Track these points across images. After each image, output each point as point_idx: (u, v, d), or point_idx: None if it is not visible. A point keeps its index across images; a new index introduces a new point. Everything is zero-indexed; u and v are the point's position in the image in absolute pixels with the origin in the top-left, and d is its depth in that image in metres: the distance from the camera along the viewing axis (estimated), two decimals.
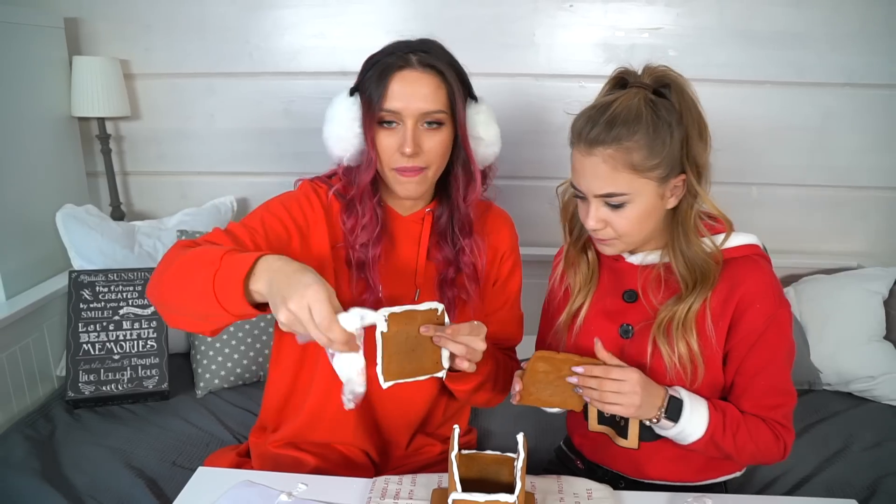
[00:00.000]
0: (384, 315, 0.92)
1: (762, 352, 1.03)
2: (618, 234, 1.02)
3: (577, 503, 1.03)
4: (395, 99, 1.02)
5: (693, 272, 1.03)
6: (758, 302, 1.02)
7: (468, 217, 1.14)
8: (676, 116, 0.98)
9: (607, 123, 0.96)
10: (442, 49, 1.08)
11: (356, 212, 1.10)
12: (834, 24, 1.86)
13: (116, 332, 1.61)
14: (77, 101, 1.89)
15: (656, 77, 1.00)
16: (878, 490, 1.33)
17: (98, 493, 1.30)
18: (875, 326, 1.75)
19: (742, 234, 1.07)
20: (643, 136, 0.96)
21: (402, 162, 1.05)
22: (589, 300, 1.13)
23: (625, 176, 0.97)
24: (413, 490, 1.05)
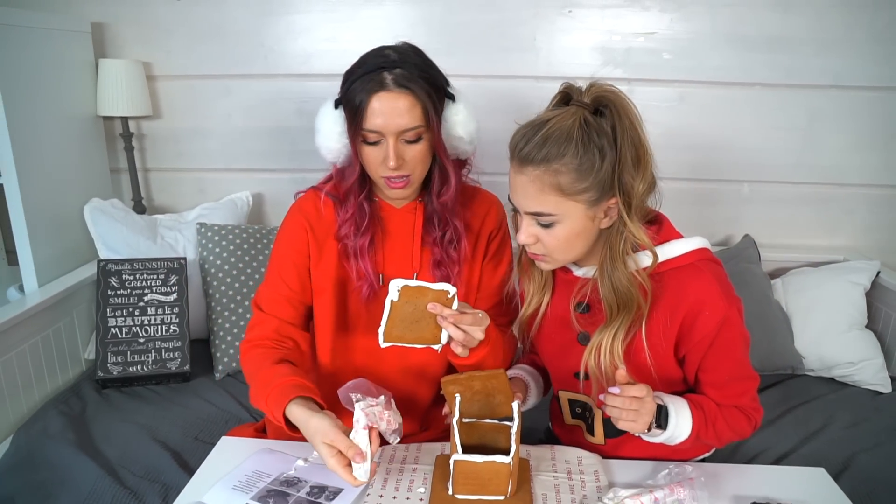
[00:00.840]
0: (398, 286, 1.02)
1: (720, 351, 1.05)
2: (547, 251, 1.04)
3: (567, 469, 1.12)
4: (376, 118, 1.10)
5: (618, 295, 1.02)
6: (706, 309, 1.02)
7: (444, 212, 1.23)
8: (609, 139, 0.96)
9: (539, 143, 0.96)
10: (416, 60, 1.14)
11: (346, 206, 1.22)
12: (820, 30, 1.95)
13: (141, 318, 1.72)
14: (102, 101, 2.00)
15: (596, 97, 0.98)
16: (852, 464, 1.42)
17: (128, 463, 1.42)
18: (856, 316, 1.83)
19: (687, 239, 1.06)
20: (572, 159, 0.95)
21: (388, 172, 1.14)
22: (544, 306, 1.16)
23: (552, 198, 0.98)
24: (419, 456, 1.15)
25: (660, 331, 1.05)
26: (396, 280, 1.03)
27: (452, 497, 1.02)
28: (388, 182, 1.16)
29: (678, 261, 1.05)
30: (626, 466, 1.14)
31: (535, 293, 1.17)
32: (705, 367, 1.08)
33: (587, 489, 1.07)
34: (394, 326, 1.05)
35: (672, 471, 1.08)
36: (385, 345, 1.07)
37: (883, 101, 1.99)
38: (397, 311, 1.04)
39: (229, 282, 1.83)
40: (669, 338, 1.05)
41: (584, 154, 0.96)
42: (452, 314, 1.04)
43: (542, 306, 1.17)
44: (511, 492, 1.02)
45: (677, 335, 1.05)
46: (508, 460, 0.99)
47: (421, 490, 1.06)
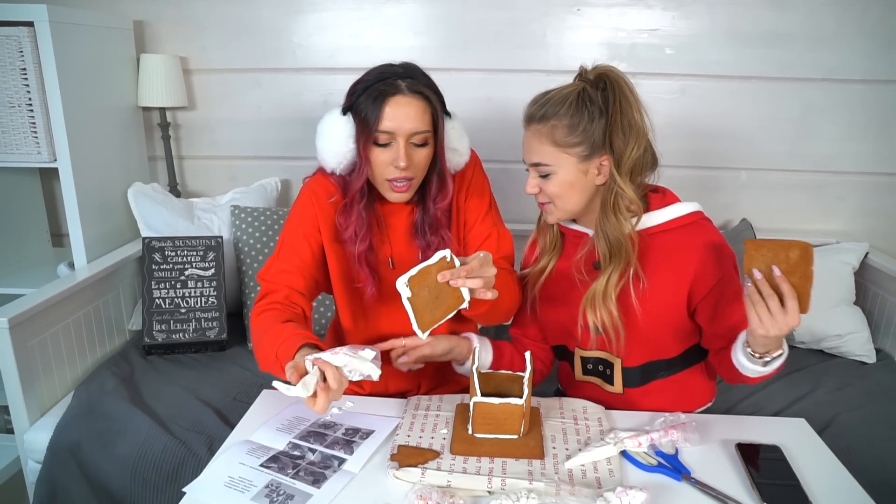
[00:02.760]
0: (405, 282, 1.07)
1: (727, 292, 1.18)
2: (550, 199, 1.21)
3: (574, 416, 1.25)
4: (389, 121, 1.18)
5: (611, 246, 1.18)
6: (710, 263, 1.18)
7: (436, 218, 1.32)
8: (601, 106, 1.14)
9: (541, 104, 1.17)
10: (423, 74, 1.25)
11: (347, 214, 1.29)
12: (813, 26, 2.07)
13: (182, 290, 1.88)
14: (143, 93, 2.15)
15: (598, 73, 1.17)
16: (834, 422, 1.56)
17: (175, 417, 1.57)
18: (845, 293, 1.97)
19: (683, 203, 1.23)
20: (564, 117, 1.14)
21: (394, 174, 1.22)
22: (552, 264, 1.32)
23: (548, 149, 1.16)
24: (441, 405, 1.28)
25: (672, 283, 1.20)
26: (400, 280, 1.08)
27: (472, 436, 1.14)
28: (391, 185, 1.24)
29: (682, 220, 1.22)
30: (627, 416, 1.26)
31: (544, 252, 1.33)
32: (721, 312, 1.18)
33: (591, 432, 1.19)
34: (422, 315, 1.11)
35: (667, 418, 1.21)
36: (425, 335, 1.13)
37: (873, 93, 2.11)
38: (417, 302, 1.09)
39: (261, 259, 1.98)
40: (682, 288, 1.20)
41: (576, 114, 1.14)
42: (461, 271, 1.11)
43: (549, 266, 1.32)
44: (524, 432, 1.15)
45: (690, 285, 1.19)
46: (521, 402, 1.12)
47: (444, 431, 1.19)
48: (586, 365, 1.35)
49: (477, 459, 1.10)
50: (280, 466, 1.08)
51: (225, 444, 1.15)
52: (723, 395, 1.64)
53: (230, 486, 1.04)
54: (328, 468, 1.08)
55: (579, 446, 1.14)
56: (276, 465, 1.09)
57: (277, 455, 1.12)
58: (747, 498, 1.02)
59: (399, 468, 1.06)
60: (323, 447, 1.14)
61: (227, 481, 1.05)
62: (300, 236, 1.31)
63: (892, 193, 2.20)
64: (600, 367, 1.33)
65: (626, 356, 1.28)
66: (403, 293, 1.08)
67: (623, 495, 0.96)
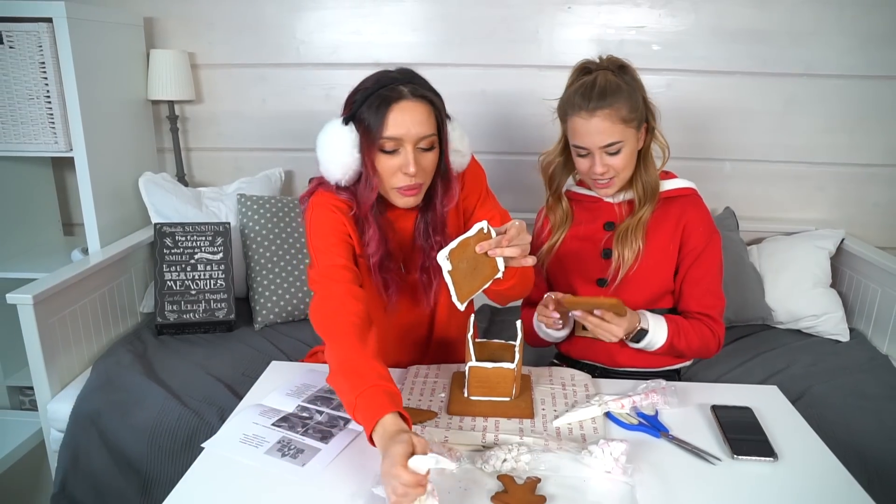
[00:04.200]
0: (446, 255, 1.08)
1: (702, 265, 1.41)
2: (617, 173, 1.37)
3: (562, 383, 1.35)
4: (395, 127, 1.16)
5: (646, 191, 1.40)
6: (700, 227, 1.41)
7: (443, 218, 1.31)
8: (637, 85, 1.37)
9: (600, 94, 1.31)
10: (422, 78, 1.23)
11: (363, 226, 1.27)
12: (793, 23, 2.17)
13: (192, 273, 1.97)
14: (152, 87, 2.25)
15: (613, 61, 1.38)
16: (807, 393, 1.66)
17: (188, 390, 1.66)
18: (821, 276, 2.07)
19: (681, 179, 1.46)
20: (626, 98, 1.32)
21: (403, 181, 1.20)
22: (564, 236, 1.50)
23: (619, 127, 1.32)
24: (438, 373, 1.38)
25: (667, 240, 1.41)
26: (441, 253, 1.08)
27: (467, 399, 1.24)
28: (400, 191, 1.22)
29: (682, 191, 1.44)
30: (611, 383, 1.36)
31: (557, 227, 1.50)
32: (689, 279, 1.42)
33: (578, 396, 1.29)
34: (461, 287, 1.11)
35: (648, 384, 1.31)
36: (463, 305, 1.12)
37: (849, 87, 2.21)
38: (456, 275, 1.10)
39: (266, 245, 2.08)
40: (675, 246, 1.41)
41: (630, 94, 1.34)
42: (501, 240, 1.11)
43: (562, 238, 1.49)
44: (515, 394, 1.24)
45: (680, 243, 1.41)
46: (513, 367, 1.22)
47: (441, 395, 1.28)
48: None
49: (472, 419, 1.19)
50: (290, 425, 1.18)
51: (238, 408, 1.24)
52: (702, 372, 1.75)
53: (245, 442, 1.13)
54: (335, 427, 1.18)
55: (566, 408, 1.24)
56: (287, 424, 1.18)
57: (287, 416, 1.21)
58: (720, 451, 1.11)
59: None
60: (329, 409, 1.23)
61: (241, 438, 1.14)
62: (335, 240, 1.26)
63: (866, 184, 2.30)
64: None
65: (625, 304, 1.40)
66: (444, 266, 1.08)
67: (605, 446, 1.06)
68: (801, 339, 2.00)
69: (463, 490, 1.01)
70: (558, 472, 1.05)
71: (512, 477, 1.02)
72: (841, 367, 1.81)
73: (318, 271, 1.25)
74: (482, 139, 2.26)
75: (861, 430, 1.53)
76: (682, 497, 1.00)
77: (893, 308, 1.94)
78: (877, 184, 2.30)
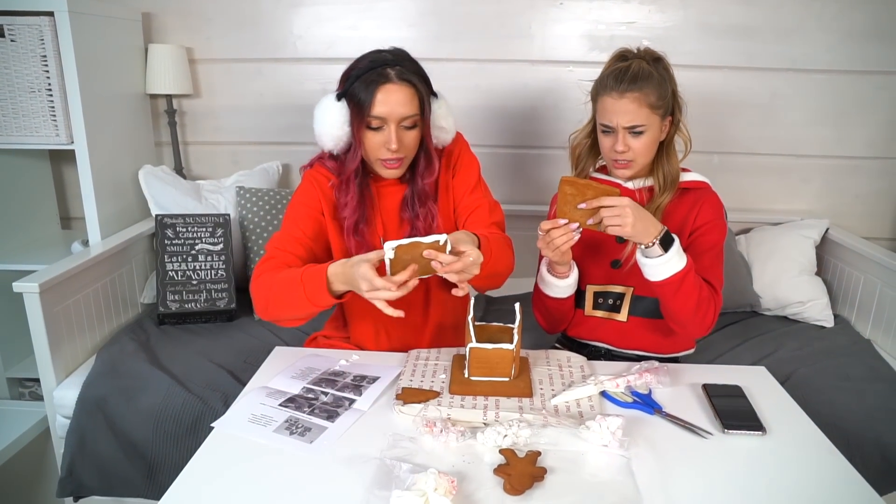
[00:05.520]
0: (392, 247, 1.17)
1: (708, 239, 1.46)
2: (635, 156, 1.43)
3: (559, 365, 1.39)
4: (381, 106, 1.30)
5: (667, 179, 1.46)
6: (711, 211, 1.48)
7: (424, 191, 1.44)
8: (669, 77, 1.44)
9: (632, 79, 1.38)
10: (412, 60, 1.36)
11: (344, 191, 1.41)
12: (778, 20, 2.23)
13: (193, 263, 2.00)
14: (150, 81, 2.27)
15: (649, 53, 1.45)
16: (793, 376, 1.72)
17: (192, 377, 1.69)
18: (806, 264, 2.14)
19: (697, 174, 1.53)
20: (656, 86, 1.39)
21: (386, 154, 1.35)
22: None
23: (645, 111, 1.38)
24: (439, 356, 1.41)
25: (680, 225, 1.47)
26: (389, 243, 1.17)
27: (468, 379, 1.28)
28: (384, 163, 1.37)
29: (698, 183, 1.51)
30: (606, 364, 1.40)
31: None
32: (692, 248, 1.45)
33: (574, 377, 1.33)
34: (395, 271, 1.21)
35: (642, 365, 1.36)
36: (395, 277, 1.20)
37: (832, 82, 2.28)
38: (396, 264, 1.19)
39: (266, 236, 2.11)
40: (687, 230, 1.47)
41: (661, 83, 1.41)
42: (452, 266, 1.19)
43: None
44: (514, 374, 1.29)
45: (692, 229, 1.47)
46: (512, 347, 1.26)
47: (442, 376, 1.32)
48: (597, 299, 1.55)
49: (473, 398, 1.23)
50: (297, 406, 1.21)
51: (244, 391, 1.28)
52: (692, 357, 1.79)
53: (253, 422, 1.16)
54: (340, 407, 1.21)
55: (563, 388, 1.28)
56: (293, 404, 1.22)
57: (293, 397, 1.24)
58: (711, 426, 1.16)
59: (404, 405, 1.20)
60: (334, 391, 1.27)
61: (250, 417, 1.18)
62: (303, 214, 1.43)
63: (850, 175, 2.37)
64: (610, 301, 1.54)
65: (639, 283, 1.47)
66: (387, 254, 1.17)
67: (602, 421, 1.10)
68: (787, 325, 2.07)
69: (467, 464, 1.05)
70: (557, 446, 1.09)
71: (513, 450, 1.06)
72: (825, 351, 1.87)
73: (276, 238, 1.42)
74: (476, 133, 2.29)
75: (844, 409, 1.59)
76: (675, 469, 1.04)
77: (875, 295, 2.01)
78: (859, 176, 2.37)
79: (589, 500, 0.96)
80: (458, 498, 0.94)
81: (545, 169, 2.40)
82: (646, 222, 1.31)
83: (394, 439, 1.10)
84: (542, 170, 2.41)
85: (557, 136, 2.30)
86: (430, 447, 1.08)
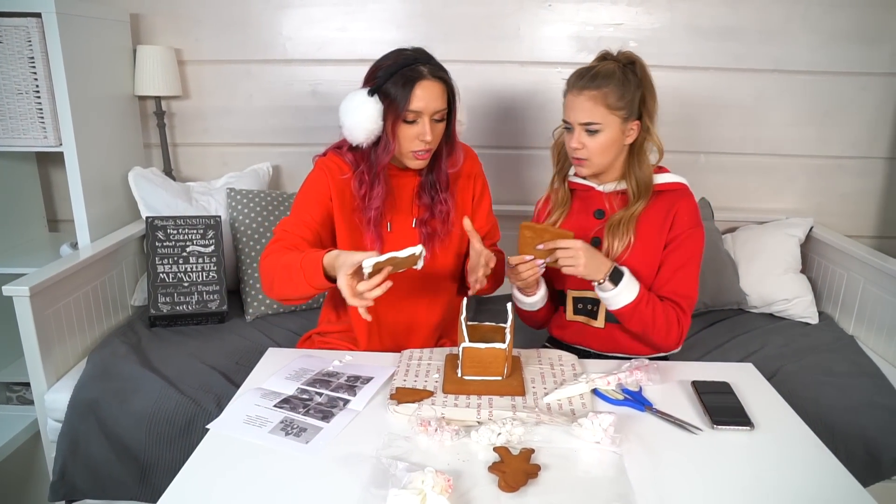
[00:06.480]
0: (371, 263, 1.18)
1: (681, 253, 1.47)
2: (590, 154, 1.44)
3: (550, 364, 1.40)
4: (418, 101, 1.38)
5: (640, 186, 1.47)
6: (686, 217, 1.48)
7: (447, 178, 1.53)
8: (637, 81, 1.44)
9: (592, 77, 1.41)
10: (435, 59, 1.44)
11: (369, 183, 1.46)
12: (763, 21, 2.26)
13: (185, 265, 2.00)
14: (139, 83, 2.26)
15: (626, 56, 1.46)
16: (779, 372, 1.75)
17: (184, 378, 1.69)
18: (791, 262, 2.17)
19: (673, 174, 1.53)
20: (617, 87, 1.40)
21: (419, 146, 1.42)
22: (563, 218, 1.56)
23: (601, 110, 1.40)
24: (432, 356, 1.42)
25: (657, 233, 1.47)
26: (368, 261, 1.18)
27: (461, 378, 1.29)
28: (415, 154, 1.44)
29: (673, 185, 1.51)
30: (597, 362, 1.42)
31: (556, 207, 1.57)
32: (667, 265, 1.47)
33: (566, 375, 1.35)
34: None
35: (632, 362, 1.38)
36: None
37: (816, 83, 2.31)
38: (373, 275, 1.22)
39: (257, 238, 2.11)
40: (663, 237, 1.47)
41: (623, 85, 1.41)
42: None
43: (560, 219, 1.56)
44: (506, 374, 1.30)
45: (668, 232, 1.47)
46: (505, 346, 1.27)
47: (436, 376, 1.33)
48: (577, 304, 1.57)
49: (466, 397, 1.24)
50: (291, 407, 1.22)
51: (239, 392, 1.28)
52: (680, 354, 1.82)
53: (249, 423, 1.17)
54: (335, 407, 1.22)
55: (556, 386, 1.29)
56: (288, 405, 1.23)
57: (288, 398, 1.25)
58: (700, 422, 1.18)
59: (398, 405, 1.21)
60: (329, 391, 1.28)
61: (245, 419, 1.18)
62: (312, 200, 1.47)
63: (833, 175, 2.41)
64: (588, 306, 1.55)
65: None
66: (366, 270, 1.19)
67: (594, 418, 1.12)
68: (773, 322, 2.10)
69: (461, 462, 1.06)
70: (551, 444, 1.11)
71: (507, 448, 1.08)
72: (810, 347, 1.91)
73: (286, 222, 1.46)
74: (466, 134, 2.31)
75: (829, 404, 1.62)
76: (666, 464, 1.06)
77: (859, 292, 2.05)
78: (843, 175, 2.41)
79: (582, 496, 0.98)
80: (454, 496, 0.95)
81: (534, 169, 2.42)
82: (597, 261, 1.39)
83: (389, 439, 1.11)
84: (531, 170, 2.43)
85: (545, 137, 2.27)
86: (425, 446, 1.10)
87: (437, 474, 0.94)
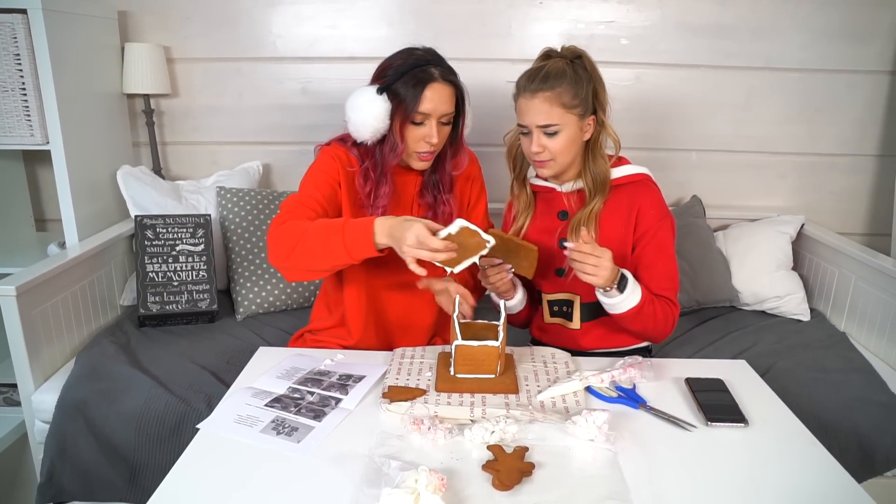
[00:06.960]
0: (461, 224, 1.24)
1: (656, 247, 1.44)
2: (553, 155, 1.41)
3: (543, 361, 1.40)
4: (428, 103, 1.39)
5: (596, 182, 1.44)
6: (651, 210, 1.44)
7: (451, 179, 1.52)
8: (588, 76, 1.40)
9: (543, 78, 1.36)
10: (446, 61, 1.45)
11: (374, 181, 1.45)
12: (754, 19, 2.27)
13: (174, 264, 1.98)
14: (127, 81, 2.24)
15: (571, 51, 1.42)
16: (772, 369, 1.75)
17: (174, 378, 1.67)
18: (783, 259, 2.18)
19: (633, 165, 1.49)
20: (570, 85, 1.36)
21: (424, 148, 1.43)
22: (528, 222, 1.54)
23: (558, 111, 1.37)
24: (424, 354, 1.41)
25: (622, 228, 1.44)
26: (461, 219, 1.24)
27: (454, 376, 1.28)
28: (419, 156, 1.44)
29: (634, 177, 1.47)
30: (590, 360, 1.42)
31: (521, 212, 1.54)
32: (643, 262, 1.44)
33: (559, 373, 1.34)
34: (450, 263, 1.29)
35: (626, 360, 1.37)
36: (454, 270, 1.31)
37: (806, 80, 2.32)
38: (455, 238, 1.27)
39: (247, 237, 2.09)
40: (629, 233, 1.44)
41: (575, 82, 1.37)
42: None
43: (525, 223, 1.52)
44: (500, 371, 1.29)
45: (634, 231, 1.44)
46: (497, 344, 1.27)
47: (428, 374, 1.32)
48: (552, 307, 1.55)
49: (459, 395, 1.24)
50: (283, 406, 1.21)
51: (229, 392, 1.27)
52: (673, 352, 1.84)
53: (240, 423, 1.16)
54: (326, 406, 1.21)
55: (549, 383, 1.29)
56: (280, 405, 1.21)
57: (279, 397, 1.24)
58: (694, 419, 1.18)
59: (391, 403, 1.20)
60: (320, 390, 1.27)
61: (236, 418, 1.17)
62: (322, 181, 1.44)
63: (824, 172, 2.42)
64: (564, 308, 1.54)
65: (584, 292, 1.48)
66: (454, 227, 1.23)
67: (588, 416, 1.12)
68: (765, 320, 2.10)
69: (455, 460, 1.05)
70: (545, 442, 1.10)
71: (501, 446, 1.07)
72: (803, 344, 1.91)
73: (294, 199, 1.42)
74: None
75: (821, 401, 1.63)
76: (661, 461, 1.06)
77: (850, 288, 2.05)
78: (834, 172, 2.42)
79: (577, 494, 0.97)
80: (448, 494, 0.94)
81: None
82: (610, 272, 1.34)
83: (381, 437, 1.10)
84: None
85: None
86: (418, 445, 1.09)
87: (430, 473, 0.93)
